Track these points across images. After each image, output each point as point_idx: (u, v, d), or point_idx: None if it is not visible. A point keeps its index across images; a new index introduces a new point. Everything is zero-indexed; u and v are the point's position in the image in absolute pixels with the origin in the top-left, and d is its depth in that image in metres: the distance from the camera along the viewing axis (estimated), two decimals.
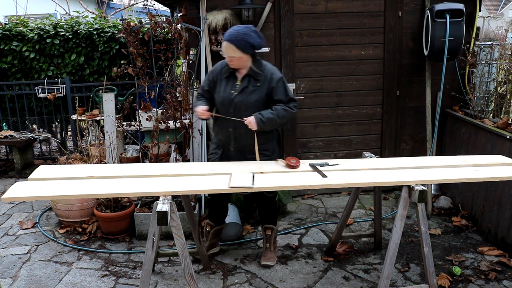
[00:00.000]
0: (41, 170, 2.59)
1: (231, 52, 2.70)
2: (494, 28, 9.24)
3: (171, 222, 2.28)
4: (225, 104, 2.85)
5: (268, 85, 2.81)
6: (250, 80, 2.83)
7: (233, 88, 2.84)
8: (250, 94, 2.82)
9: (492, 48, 3.99)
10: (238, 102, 2.82)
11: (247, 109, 2.81)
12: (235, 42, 2.67)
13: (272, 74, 2.83)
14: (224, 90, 2.86)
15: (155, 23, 3.59)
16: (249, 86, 2.82)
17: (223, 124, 2.91)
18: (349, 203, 3.13)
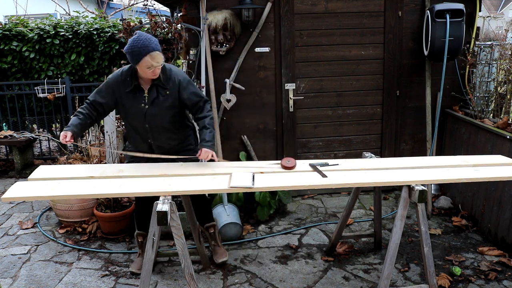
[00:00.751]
0: (41, 170, 2.59)
1: (160, 59, 2.57)
2: (494, 28, 9.23)
3: (171, 222, 2.28)
4: (137, 119, 2.73)
5: (178, 91, 2.72)
6: (158, 90, 2.70)
7: (142, 101, 2.70)
8: (162, 104, 2.71)
9: (492, 48, 3.99)
10: (152, 114, 2.71)
11: (162, 119, 2.74)
12: (158, 47, 2.56)
13: (179, 79, 2.72)
14: (133, 105, 2.70)
15: (155, 23, 3.60)
16: (159, 96, 2.69)
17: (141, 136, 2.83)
18: (349, 203, 3.13)
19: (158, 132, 2.79)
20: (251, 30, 3.98)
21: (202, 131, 2.74)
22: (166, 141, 2.85)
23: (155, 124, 2.76)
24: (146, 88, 2.71)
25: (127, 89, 2.69)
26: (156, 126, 2.77)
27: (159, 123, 2.76)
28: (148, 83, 2.70)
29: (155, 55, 2.52)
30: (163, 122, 2.76)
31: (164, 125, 2.78)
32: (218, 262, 3.15)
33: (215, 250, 3.22)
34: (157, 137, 2.81)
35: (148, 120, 2.73)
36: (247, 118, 4.16)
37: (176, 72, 2.74)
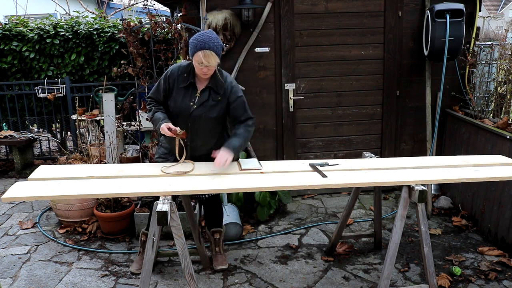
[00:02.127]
0: (41, 170, 2.59)
1: (213, 60, 2.53)
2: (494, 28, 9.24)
3: (171, 222, 2.28)
4: (182, 116, 2.72)
5: (228, 99, 2.71)
6: (211, 93, 2.69)
7: (192, 100, 2.69)
8: (210, 109, 2.69)
9: (492, 48, 4.00)
10: (197, 116, 2.69)
11: (206, 123, 2.72)
12: (215, 49, 2.52)
13: (232, 88, 2.71)
14: (182, 101, 2.70)
15: (155, 23, 3.60)
16: (209, 100, 2.69)
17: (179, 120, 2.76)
18: (349, 203, 3.13)
19: (197, 134, 2.76)
20: (251, 30, 3.98)
21: (231, 138, 2.70)
22: (202, 145, 2.81)
23: (197, 126, 2.73)
24: (199, 88, 2.70)
25: (181, 84, 2.70)
26: (198, 128, 2.73)
27: (202, 125, 2.73)
28: (203, 84, 2.70)
29: (208, 53, 2.50)
30: (205, 126, 2.74)
31: (205, 129, 2.75)
32: (217, 269, 3.12)
33: (216, 256, 3.18)
34: (195, 138, 2.77)
35: (192, 120, 2.71)
36: None
37: (230, 81, 2.74)
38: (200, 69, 2.58)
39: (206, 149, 2.80)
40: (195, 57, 2.55)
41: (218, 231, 3.20)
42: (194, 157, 2.80)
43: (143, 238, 3.09)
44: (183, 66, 2.72)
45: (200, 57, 2.51)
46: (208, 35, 2.53)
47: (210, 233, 3.22)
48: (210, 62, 2.53)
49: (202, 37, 2.52)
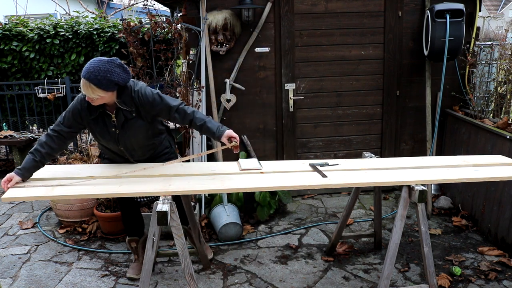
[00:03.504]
0: (41, 170, 2.59)
1: (91, 92, 2.32)
2: (494, 28, 9.24)
3: (171, 222, 2.28)
4: (111, 143, 2.62)
5: (144, 109, 2.53)
6: (124, 113, 2.52)
7: (111, 126, 2.55)
8: (132, 126, 2.56)
9: (492, 48, 4.00)
10: (126, 137, 2.59)
11: (137, 138, 2.62)
12: (96, 82, 2.29)
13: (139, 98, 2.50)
14: (103, 131, 2.56)
15: (155, 23, 3.60)
16: (128, 120, 2.54)
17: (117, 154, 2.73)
18: (349, 203, 3.13)
19: (134, 150, 2.69)
20: (251, 30, 3.98)
21: (203, 128, 2.54)
22: (143, 154, 2.75)
23: (130, 144, 2.65)
24: (112, 113, 2.53)
25: (92, 116, 2.51)
26: (131, 146, 2.66)
27: (134, 142, 2.64)
28: (112, 107, 2.52)
29: (86, 83, 2.31)
30: (137, 141, 2.64)
31: (139, 143, 2.66)
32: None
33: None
34: (134, 153, 2.72)
35: (123, 143, 2.62)
36: (247, 118, 4.16)
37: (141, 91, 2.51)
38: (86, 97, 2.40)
39: (150, 152, 2.77)
40: None
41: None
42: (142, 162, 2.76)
43: (133, 245, 3.03)
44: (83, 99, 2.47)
45: (81, 84, 2.34)
46: (97, 65, 2.32)
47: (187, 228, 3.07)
48: (88, 93, 2.34)
49: (91, 65, 2.32)
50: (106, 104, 2.51)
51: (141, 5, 5.77)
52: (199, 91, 3.80)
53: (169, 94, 3.64)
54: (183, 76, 3.87)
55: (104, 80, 2.32)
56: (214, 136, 2.53)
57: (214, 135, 2.51)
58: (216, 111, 3.95)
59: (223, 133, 2.48)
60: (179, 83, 3.76)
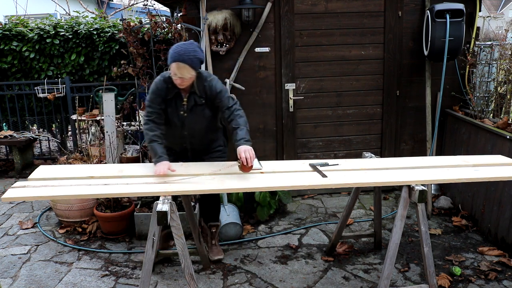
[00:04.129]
0: (41, 170, 2.59)
1: (186, 73, 2.58)
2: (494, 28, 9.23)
3: (171, 222, 2.28)
4: (176, 125, 2.82)
5: (212, 98, 2.76)
6: (195, 98, 2.77)
7: (181, 108, 2.77)
8: (199, 112, 2.79)
9: (492, 48, 3.99)
10: (191, 122, 2.80)
11: (200, 125, 2.84)
12: (189, 62, 2.57)
13: (210, 87, 2.75)
14: (173, 112, 2.79)
15: (155, 23, 3.60)
16: (196, 105, 2.77)
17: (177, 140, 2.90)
18: (349, 203, 3.13)
19: (194, 137, 2.89)
20: (251, 30, 3.98)
21: (233, 132, 2.71)
22: (200, 144, 2.95)
23: (193, 131, 2.85)
24: (185, 96, 2.76)
25: (169, 96, 2.75)
26: (194, 133, 2.86)
27: (197, 129, 2.85)
28: (187, 91, 2.75)
29: (181, 65, 2.55)
30: (200, 128, 2.85)
31: (201, 131, 2.87)
32: (214, 259, 3.19)
33: (212, 248, 3.26)
34: (193, 141, 2.92)
35: (187, 128, 2.82)
36: (247, 118, 4.15)
37: (210, 81, 2.75)
38: (175, 79, 2.64)
39: (206, 144, 2.98)
40: (170, 67, 2.61)
41: (215, 225, 3.28)
42: (196, 157, 2.94)
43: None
44: (167, 77, 2.73)
45: (174, 69, 2.58)
46: (184, 47, 2.59)
47: (207, 226, 3.27)
48: (183, 74, 2.59)
49: (179, 49, 2.58)
50: (182, 89, 2.72)
51: (141, 5, 5.77)
52: None
53: None
54: None
55: (194, 58, 2.58)
56: (235, 143, 2.65)
57: (235, 142, 2.65)
58: None
59: (238, 145, 2.59)
60: None
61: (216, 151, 3.05)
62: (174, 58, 2.56)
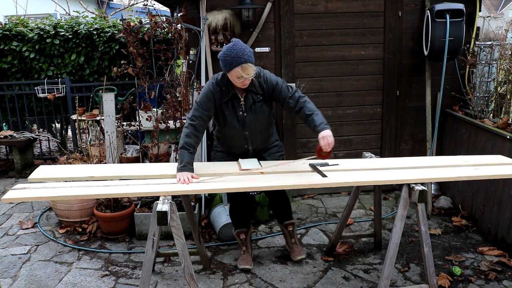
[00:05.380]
0: (41, 170, 2.59)
1: (251, 71, 2.57)
2: (494, 28, 9.24)
3: (171, 222, 2.28)
4: (236, 127, 2.78)
5: (269, 93, 2.74)
6: (252, 95, 2.72)
7: (240, 109, 2.73)
8: (258, 109, 2.76)
9: (492, 48, 3.99)
10: (251, 120, 2.77)
11: (260, 124, 2.81)
12: (250, 59, 2.54)
13: (266, 80, 2.73)
14: (232, 115, 2.74)
15: (155, 23, 3.59)
16: (255, 102, 2.74)
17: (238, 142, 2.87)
18: (349, 203, 3.13)
19: (255, 136, 2.85)
20: (251, 30, 3.98)
21: (308, 119, 2.65)
22: (261, 142, 2.93)
23: (254, 130, 2.81)
24: (241, 96, 2.73)
25: (224, 99, 2.70)
26: (255, 132, 2.82)
27: (257, 128, 2.81)
28: (242, 90, 2.72)
29: (246, 66, 2.52)
30: (260, 126, 2.82)
31: (261, 129, 2.84)
32: (296, 259, 3.17)
33: (292, 248, 3.21)
34: (254, 141, 2.88)
35: (248, 127, 2.79)
36: None
37: (263, 76, 2.74)
38: (241, 82, 2.60)
39: (265, 142, 2.96)
40: (233, 73, 2.55)
41: (290, 223, 3.22)
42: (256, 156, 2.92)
43: (242, 237, 3.18)
44: (219, 80, 2.69)
45: (239, 72, 2.53)
46: (239, 48, 2.52)
47: (283, 226, 3.23)
48: (250, 73, 2.57)
49: (235, 52, 2.51)
50: (236, 88, 2.69)
51: (141, 5, 5.77)
52: (199, 91, 3.80)
53: (169, 94, 3.64)
54: (183, 76, 3.87)
55: (251, 54, 2.57)
56: (314, 130, 2.61)
57: (315, 128, 2.60)
58: None
59: (321, 130, 2.55)
60: (179, 83, 3.76)
61: (274, 146, 3.03)
62: (237, 62, 2.50)
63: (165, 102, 3.67)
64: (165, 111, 3.67)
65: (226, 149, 2.95)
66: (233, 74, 2.56)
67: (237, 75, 2.55)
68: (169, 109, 3.62)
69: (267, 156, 2.98)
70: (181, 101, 3.78)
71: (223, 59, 2.55)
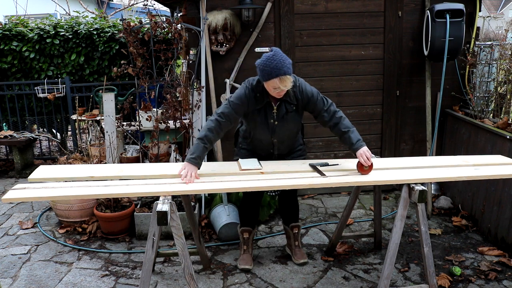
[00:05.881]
0: (41, 170, 2.59)
1: (289, 83, 2.54)
2: (494, 28, 9.24)
3: (171, 222, 2.28)
4: (265, 134, 2.79)
5: (303, 104, 2.73)
6: (286, 105, 2.72)
7: (271, 117, 2.73)
8: (292, 119, 2.76)
9: (492, 48, 3.99)
10: (281, 129, 2.78)
11: (289, 132, 2.83)
12: (289, 72, 2.52)
13: (301, 91, 2.70)
14: (263, 122, 2.74)
15: (155, 23, 3.59)
16: (288, 112, 2.73)
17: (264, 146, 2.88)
18: (349, 203, 3.13)
19: (283, 142, 2.88)
20: (251, 30, 3.98)
21: (344, 136, 2.69)
22: (287, 147, 2.95)
23: (282, 138, 2.83)
24: (275, 104, 2.71)
25: (258, 106, 2.69)
26: (283, 139, 2.85)
27: (286, 135, 2.83)
28: (276, 99, 2.70)
29: (285, 78, 2.50)
30: (289, 134, 2.85)
31: (289, 137, 2.87)
32: (298, 263, 3.17)
33: (295, 251, 3.22)
34: (281, 146, 2.90)
35: (277, 135, 2.80)
36: None
37: (302, 86, 2.72)
38: (276, 93, 2.59)
39: (290, 147, 2.98)
40: (270, 83, 2.54)
41: (296, 226, 3.23)
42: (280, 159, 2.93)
43: (246, 236, 3.18)
44: (254, 86, 2.68)
45: (276, 83, 2.52)
46: (279, 59, 2.50)
47: (289, 228, 3.24)
48: (287, 86, 2.55)
49: (275, 63, 2.48)
50: (271, 96, 2.67)
51: (141, 5, 5.77)
52: (199, 91, 3.80)
53: (169, 94, 3.64)
54: (183, 76, 3.87)
55: (290, 66, 2.54)
56: (350, 147, 2.66)
57: (352, 146, 2.64)
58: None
59: (359, 148, 2.60)
60: (179, 83, 3.76)
61: (297, 150, 3.04)
62: (276, 73, 2.48)
63: (165, 102, 3.67)
64: (165, 111, 3.67)
65: (251, 148, 2.94)
66: (270, 84, 2.54)
67: (274, 86, 2.53)
68: (169, 109, 3.62)
69: (289, 160, 2.98)
70: (181, 101, 3.78)
71: (261, 69, 2.54)
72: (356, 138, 2.63)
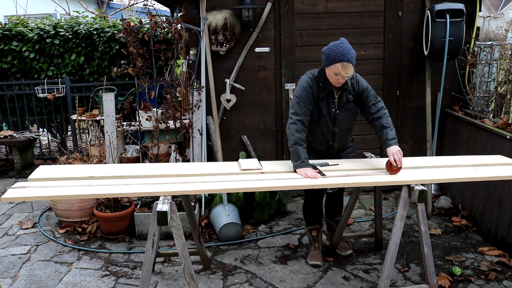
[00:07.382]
0: (41, 170, 2.59)
1: (350, 71, 2.60)
2: (494, 28, 9.23)
3: (171, 222, 2.28)
4: (327, 124, 2.83)
5: (359, 93, 2.80)
6: (346, 94, 2.79)
7: (333, 106, 2.80)
8: (351, 108, 2.83)
9: (492, 48, 3.99)
10: (342, 118, 2.84)
11: (349, 122, 2.90)
12: (352, 60, 2.58)
13: (358, 82, 2.79)
14: (325, 110, 2.80)
15: (155, 23, 3.59)
16: (348, 102, 2.81)
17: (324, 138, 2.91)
18: (349, 203, 3.13)
19: (342, 134, 2.92)
20: (251, 30, 3.98)
21: (382, 131, 2.72)
22: (343, 140, 3.00)
23: (342, 128, 2.88)
24: (336, 93, 2.79)
25: (321, 95, 2.76)
26: (342, 129, 2.89)
27: (345, 126, 2.89)
28: (337, 88, 2.77)
29: (347, 65, 2.56)
30: (348, 125, 2.91)
31: (348, 127, 2.94)
32: (345, 255, 3.28)
33: (340, 244, 3.32)
34: (339, 139, 2.94)
35: (338, 125, 2.85)
36: (247, 118, 4.16)
37: (358, 78, 2.81)
38: (336, 79, 2.65)
39: (345, 141, 3.04)
40: (332, 68, 2.60)
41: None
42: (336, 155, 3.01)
43: (314, 234, 3.25)
44: (316, 76, 2.76)
45: (338, 69, 2.58)
46: (345, 46, 2.58)
47: (333, 222, 3.31)
48: (348, 73, 2.60)
49: (341, 49, 2.56)
50: (332, 86, 2.74)
51: (141, 5, 5.77)
52: (199, 91, 3.80)
53: (169, 94, 3.64)
54: (183, 76, 3.87)
55: (354, 55, 2.60)
56: (385, 142, 2.69)
57: (386, 141, 2.68)
58: (216, 111, 3.95)
59: (390, 145, 2.63)
60: (179, 83, 3.76)
61: (349, 146, 3.10)
62: (339, 58, 2.55)
63: (165, 102, 3.67)
64: (165, 111, 3.67)
65: (309, 144, 2.90)
66: (332, 69, 2.60)
67: (336, 71, 2.60)
68: (169, 109, 3.62)
69: (343, 156, 3.04)
70: (181, 101, 3.78)
71: (327, 53, 2.61)
72: (393, 136, 2.68)
